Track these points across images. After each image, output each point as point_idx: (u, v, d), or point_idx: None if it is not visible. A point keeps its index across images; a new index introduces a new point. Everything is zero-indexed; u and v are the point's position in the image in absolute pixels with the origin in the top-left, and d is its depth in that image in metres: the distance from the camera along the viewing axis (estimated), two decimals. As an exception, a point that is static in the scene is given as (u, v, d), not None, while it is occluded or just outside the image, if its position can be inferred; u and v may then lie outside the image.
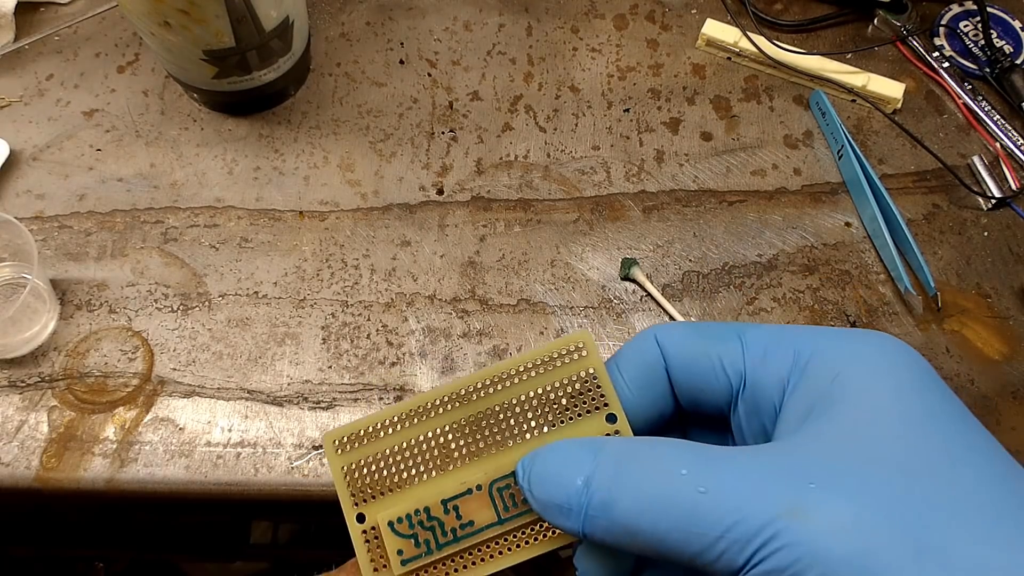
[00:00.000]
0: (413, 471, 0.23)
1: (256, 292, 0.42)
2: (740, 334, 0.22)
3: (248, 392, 0.40)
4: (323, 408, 0.39)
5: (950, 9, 0.52)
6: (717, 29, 0.49)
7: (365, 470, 0.23)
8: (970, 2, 0.52)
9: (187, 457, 0.38)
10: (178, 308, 0.41)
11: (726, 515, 0.17)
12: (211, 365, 0.40)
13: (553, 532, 0.23)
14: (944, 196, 0.46)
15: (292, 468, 0.38)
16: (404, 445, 0.23)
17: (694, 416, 0.24)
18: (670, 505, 0.18)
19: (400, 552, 0.22)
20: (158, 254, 0.43)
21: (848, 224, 0.45)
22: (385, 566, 0.23)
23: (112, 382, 0.40)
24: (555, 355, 0.23)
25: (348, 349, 0.41)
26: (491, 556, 0.23)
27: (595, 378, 0.23)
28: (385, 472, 0.23)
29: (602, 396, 0.23)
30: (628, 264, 0.43)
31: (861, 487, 0.17)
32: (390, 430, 0.23)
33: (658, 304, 0.42)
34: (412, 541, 0.22)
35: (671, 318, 0.42)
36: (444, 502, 0.23)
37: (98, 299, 0.41)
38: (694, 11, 0.51)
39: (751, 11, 0.50)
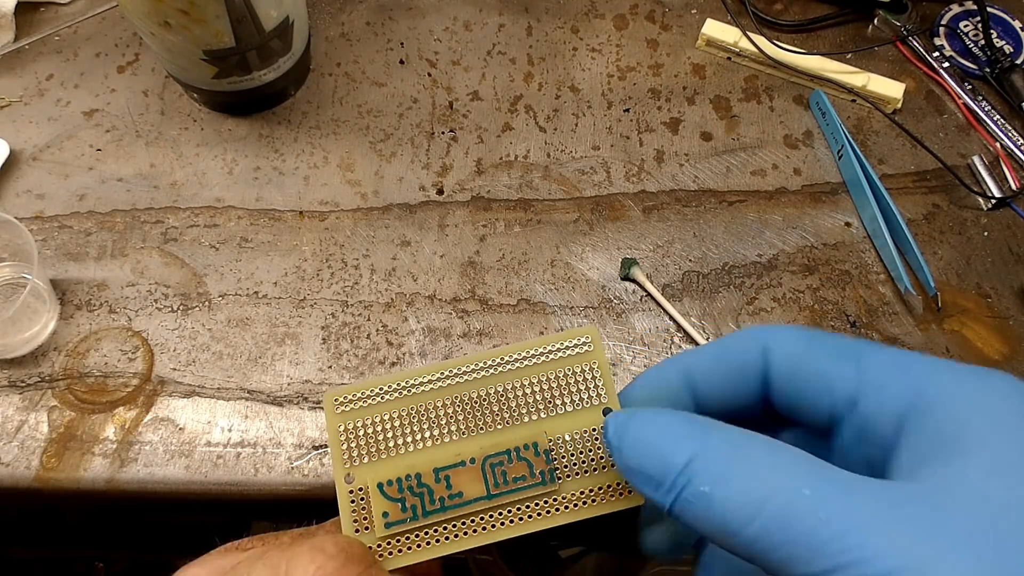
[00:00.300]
0: (409, 439, 0.23)
1: (256, 292, 0.42)
2: (856, 357, 0.21)
3: (248, 392, 0.40)
4: (323, 408, 0.39)
5: (950, 9, 0.52)
6: (717, 29, 0.49)
7: (362, 432, 0.23)
8: (970, 2, 0.52)
9: (187, 457, 0.38)
10: (178, 308, 0.41)
11: (845, 551, 0.17)
12: (211, 365, 0.40)
13: (539, 514, 0.23)
14: (944, 196, 0.46)
15: (292, 468, 0.38)
16: (404, 412, 0.23)
17: (784, 420, 0.23)
18: (784, 521, 0.17)
19: (386, 515, 0.22)
20: (158, 254, 0.43)
21: (848, 224, 0.45)
22: (368, 528, 0.23)
23: (112, 382, 0.40)
24: (563, 345, 0.24)
25: (348, 349, 0.41)
26: (475, 530, 0.23)
27: (597, 372, 0.24)
28: (381, 436, 0.23)
29: (602, 390, 0.24)
30: (628, 264, 0.43)
31: (989, 547, 0.17)
32: (392, 396, 0.24)
33: (658, 304, 0.42)
34: (399, 505, 0.23)
35: (671, 318, 0.42)
36: (436, 471, 0.23)
37: (98, 299, 0.41)
38: (694, 11, 0.51)
39: (751, 11, 0.50)
